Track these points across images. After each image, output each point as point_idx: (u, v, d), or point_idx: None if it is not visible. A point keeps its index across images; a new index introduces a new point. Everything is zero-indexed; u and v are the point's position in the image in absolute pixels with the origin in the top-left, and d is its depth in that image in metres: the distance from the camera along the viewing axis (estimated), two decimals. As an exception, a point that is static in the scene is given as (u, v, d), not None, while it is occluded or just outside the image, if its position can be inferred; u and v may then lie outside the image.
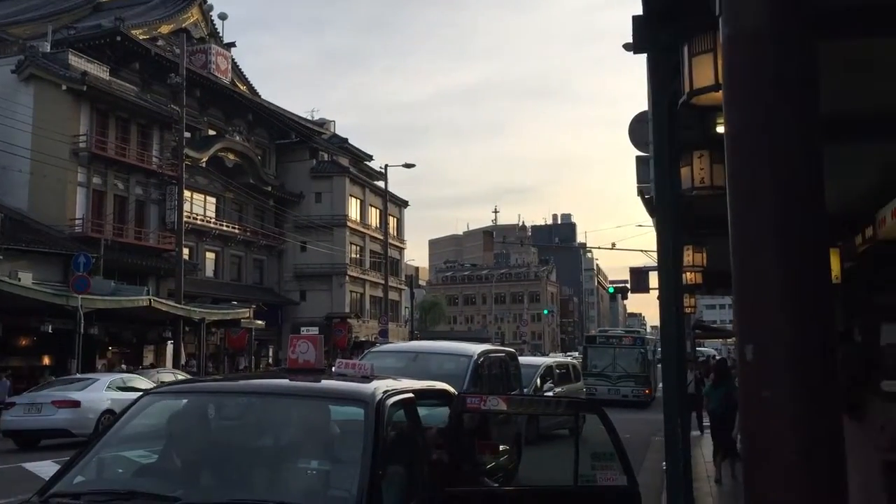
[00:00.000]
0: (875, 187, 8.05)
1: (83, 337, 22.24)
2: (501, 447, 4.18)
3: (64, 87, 32.52)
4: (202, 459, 3.62)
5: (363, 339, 47.99)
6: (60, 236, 31.17)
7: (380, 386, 3.82)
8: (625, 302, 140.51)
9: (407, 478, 3.77)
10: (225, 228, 43.81)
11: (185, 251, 34.14)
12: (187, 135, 32.20)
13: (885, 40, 4.85)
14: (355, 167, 56.50)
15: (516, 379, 11.54)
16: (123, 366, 27.58)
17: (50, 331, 23.16)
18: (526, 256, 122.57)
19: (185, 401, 3.97)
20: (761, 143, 2.28)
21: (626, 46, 5.64)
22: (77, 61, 33.62)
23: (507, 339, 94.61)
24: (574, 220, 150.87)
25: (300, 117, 53.95)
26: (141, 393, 3.96)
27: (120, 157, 35.06)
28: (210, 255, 43.35)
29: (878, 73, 5.53)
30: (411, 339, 45.15)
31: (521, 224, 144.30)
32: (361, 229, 53.70)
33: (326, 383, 4.11)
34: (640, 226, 71.60)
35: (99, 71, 34.60)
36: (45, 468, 11.60)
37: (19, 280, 23.48)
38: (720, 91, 2.63)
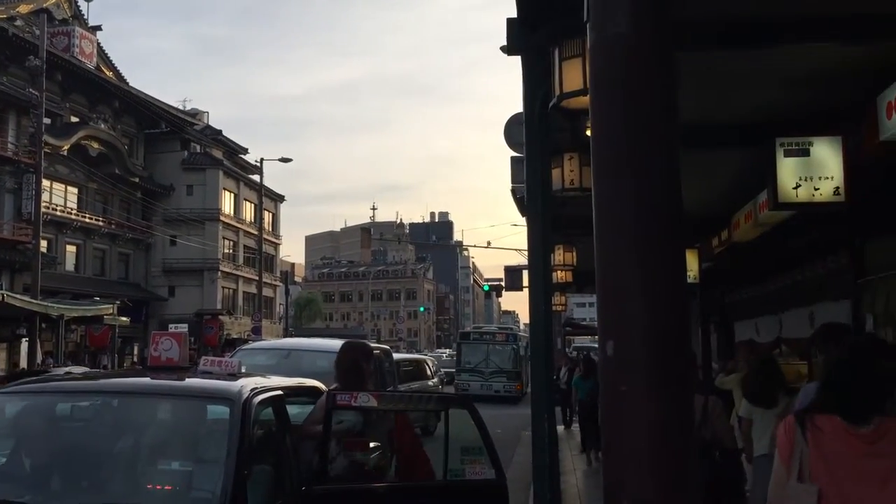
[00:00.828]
0: (730, 192, 8.53)
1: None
2: (372, 444, 4.17)
3: None
4: (53, 463, 3.43)
5: (235, 336, 46.79)
6: None
7: (247, 384, 3.74)
8: (500, 300, 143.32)
9: (274, 477, 3.71)
10: (87, 220, 41.69)
11: (43, 243, 32.27)
12: (47, 121, 30.44)
13: (740, 52, 5.14)
14: (230, 160, 55.04)
15: (391, 376, 11.56)
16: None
17: None
18: (403, 254, 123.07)
19: (35, 401, 3.75)
20: (622, 147, 2.37)
21: (503, 49, 5.74)
22: (-77, 37, 31.17)
23: (384, 336, 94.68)
24: (451, 218, 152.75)
25: (171, 107, 52.04)
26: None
27: (-30, 142, 32.76)
28: (71, 249, 41.18)
29: (733, 83, 5.85)
30: (286, 336, 44.44)
31: (398, 221, 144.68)
32: (235, 224, 52.35)
33: (190, 381, 3.98)
34: (514, 225, 73.15)
35: (-52, 49, 32.21)
36: None
37: None
38: (587, 95, 2.71)
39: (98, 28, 46.21)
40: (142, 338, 42.60)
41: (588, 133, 2.71)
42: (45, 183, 31.55)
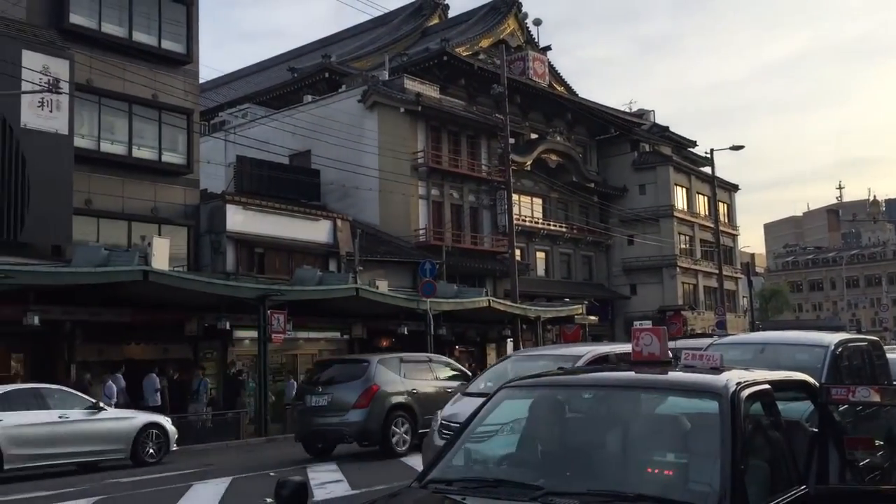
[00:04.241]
0: None
1: (433, 337, 24.11)
2: (877, 442, 3.79)
3: (402, 110, 35.66)
4: (559, 450, 3.75)
5: (699, 331, 46.17)
6: (407, 246, 34.18)
7: (732, 377, 3.68)
8: None
9: (769, 474, 3.58)
10: (552, 228, 44.94)
11: (517, 252, 35.55)
12: (511, 141, 33.57)
13: None
14: (678, 155, 54.87)
15: (882, 371, 10.40)
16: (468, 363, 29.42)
17: (405, 332, 25.44)
18: (881, 234, 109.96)
19: (538, 394, 4.15)
20: None
21: None
22: (411, 84, 36.70)
23: (864, 326, 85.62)
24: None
25: (618, 111, 53.65)
26: (499, 387, 4.20)
27: (453, 169, 37.61)
28: (540, 255, 44.73)
29: None
30: (752, 329, 42.69)
31: (871, 199, 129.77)
32: (689, 218, 51.94)
33: (674, 375, 4.04)
34: None
35: (430, 90, 37.45)
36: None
37: (377, 288, 26.10)
38: None
39: (548, 48, 49.64)
40: (609, 335, 44.47)
41: None
42: (514, 197, 34.75)
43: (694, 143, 58.65)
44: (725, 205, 56.50)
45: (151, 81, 24.65)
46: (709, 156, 44.72)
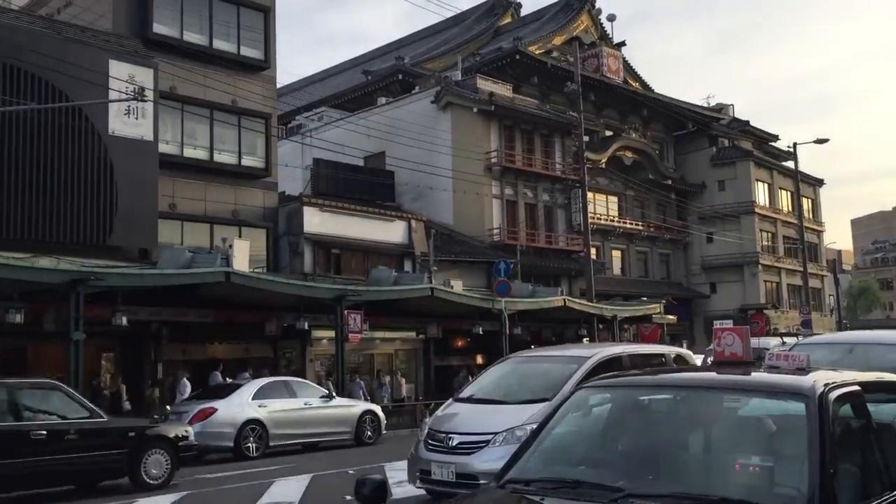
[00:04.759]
0: None
1: (508, 337, 24.07)
2: None
3: (475, 110, 35.71)
4: (639, 451, 3.69)
5: (783, 330, 44.92)
6: (481, 246, 34.20)
7: (819, 378, 3.56)
8: None
9: (860, 478, 3.45)
10: (628, 226, 44.34)
11: (593, 251, 35.20)
12: (586, 138, 33.28)
13: None
14: (759, 150, 53.47)
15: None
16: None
17: (480, 332, 25.47)
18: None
19: (617, 394, 4.09)
20: None
21: None
22: (484, 84, 36.72)
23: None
24: None
25: (696, 106, 52.57)
26: (576, 387, 4.16)
27: (527, 168, 37.47)
28: (616, 253, 44.20)
29: None
30: (840, 329, 41.27)
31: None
32: (771, 214, 50.55)
33: (758, 376, 3.94)
34: None
35: (503, 90, 37.41)
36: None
37: (452, 288, 26.20)
38: None
39: (622, 44, 49.00)
40: (688, 335, 43.60)
41: None
42: (589, 195, 34.40)
43: (776, 137, 57.04)
44: (810, 200, 54.78)
45: (231, 87, 25.30)
46: (791, 150, 43.46)
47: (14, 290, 16.13)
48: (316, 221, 27.80)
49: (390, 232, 30.50)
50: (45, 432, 10.46)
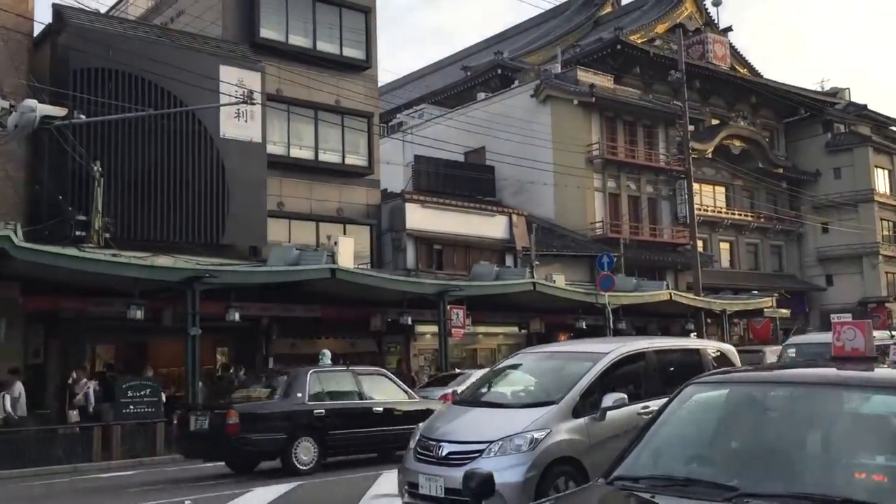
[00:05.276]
0: None
1: (612, 332, 23.73)
2: None
3: (575, 102, 35.29)
4: (753, 450, 3.57)
5: (906, 324, 42.68)
6: (583, 239, 33.80)
7: (951, 375, 3.38)
8: None
9: None
10: (737, 217, 42.93)
11: (699, 243, 34.26)
12: (691, 128, 32.37)
13: None
14: (878, 134, 50.75)
15: None
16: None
17: (584, 327, 25.21)
18: None
19: (730, 391, 3.98)
20: None
21: None
22: (584, 76, 36.25)
23: None
24: None
25: (809, 91, 50.36)
26: (686, 383, 4.06)
27: (629, 159, 36.79)
28: (724, 246, 42.86)
29: None
30: (970, 323, 38.79)
31: None
32: (892, 202, 47.96)
33: (881, 372, 3.77)
34: None
35: (604, 81, 36.81)
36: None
37: (554, 282, 26.03)
38: None
39: (729, 29, 47.45)
40: (803, 329, 41.90)
41: None
42: (695, 186, 33.52)
43: (896, 121, 54.09)
44: (934, 186, 51.71)
45: (334, 88, 25.85)
46: (914, 134, 41.13)
47: (135, 289, 16.98)
48: (418, 217, 28.10)
49: (491, 227, 30.51)
50: (381, 409, 13.25)
